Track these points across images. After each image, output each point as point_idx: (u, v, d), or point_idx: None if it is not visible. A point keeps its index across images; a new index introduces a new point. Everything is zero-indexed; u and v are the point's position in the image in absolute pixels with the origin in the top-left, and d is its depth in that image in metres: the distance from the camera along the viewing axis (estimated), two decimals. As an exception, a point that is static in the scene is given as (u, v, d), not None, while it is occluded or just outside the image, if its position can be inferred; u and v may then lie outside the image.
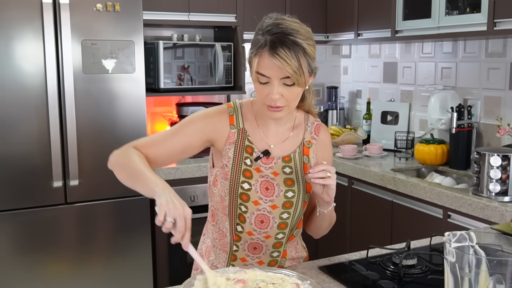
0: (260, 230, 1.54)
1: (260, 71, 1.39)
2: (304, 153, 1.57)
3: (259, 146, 1.53)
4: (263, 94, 1.42)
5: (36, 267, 2.85)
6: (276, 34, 1.37)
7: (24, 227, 2.81)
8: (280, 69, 1.36)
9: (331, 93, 4.22)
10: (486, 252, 1.10)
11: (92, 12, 2.83)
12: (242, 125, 1.54)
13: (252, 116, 1.56)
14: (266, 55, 1.37)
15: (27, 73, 2.73)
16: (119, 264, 3.05)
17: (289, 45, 1.35)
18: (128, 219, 3.03)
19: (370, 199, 3.11)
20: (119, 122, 2.96)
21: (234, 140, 1.53)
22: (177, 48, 3.37)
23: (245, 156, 1.52)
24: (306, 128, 1.60)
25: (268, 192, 1.52)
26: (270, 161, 1.53)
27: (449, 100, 3.21)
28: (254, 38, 1.43)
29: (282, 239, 1.58)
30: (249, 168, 1.51)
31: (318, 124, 1.63)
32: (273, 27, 1.39)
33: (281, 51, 1.35)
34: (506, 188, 2.41)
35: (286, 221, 1.56)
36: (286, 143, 1.57)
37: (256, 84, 1.43)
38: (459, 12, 2.85)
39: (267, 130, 1.56)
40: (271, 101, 1.41)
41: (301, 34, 1.38)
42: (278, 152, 1.55)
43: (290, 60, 1.35)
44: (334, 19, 3.85)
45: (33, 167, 2.79)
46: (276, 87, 1.39)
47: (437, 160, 3.16)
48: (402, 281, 1.48)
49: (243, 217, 1.53)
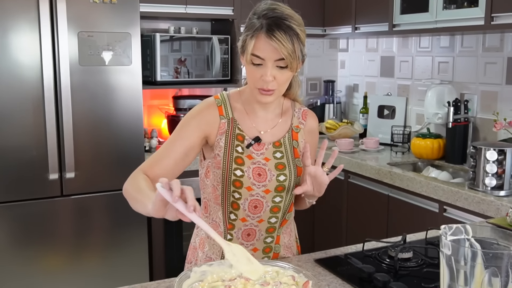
0: (253, 215, 1.57)
1: (256, 53, 1.43)
2: (293, 138, 1.62)
3: (250, 133, 1.57)
4: (256, 77, 1.46)
5: (32, 259, 2.85)
6: (272, 17, 1.42)
7: (20, 219, 2.81)
8: (275, 51, 1.41)
9: (328, 87, 4.21)
10: (482, 245, 1.10)
11: (89, 4, 2.82)
12: (232, 115, 1.57)
13: (241, 105, 1.59)
14: (262, 37, 1.42)
15: (23, 65, 2.72)
16: (115, 257, 3.05)
17: (284, 28, 1.41)
18: (125, 211, 3.02)
19: (366, 193, 3.11)
20: (115, 115, 2.95)
21: (225, 129, 1.55)
22: (174, 41, 3.35)
23: (237, 144, 1.55)
24: (293, 114, 1.65)
25: (261, 177, 1.54)
26: (261, 147, 1.56)
27: (446, 95, 3.21)
28: (249, 22, 1.48)
29: (275, 224, 1.60)
30: (240, 155, 1.54)
31: (304, 110, 1.68)
32: (268, 11, 1.44)
33: (278, 33, 1.40)
34: (501, 182, 2.42)
35: (278, 204, 1.58)
36: (276, 129, 1.60)
37: (249, 67, 1.47)
38: (457, 6, 2.85)
39: (256, 117, 1.59)
40: (263, 83, 1.45)
41: (295, 20, 1.44)
42: (269, 138, 1.59)
43: (286, 42, 1.40)
44: (332, 12, 3.84)
45: (29, 159, 2.78)
46: (269, 69, 1.44)
47: (434, 154, 3.16)
48: (398, 274, 1.48)
49: (236, 204, 1.55)
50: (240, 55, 1.52)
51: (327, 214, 3.39)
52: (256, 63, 1.45)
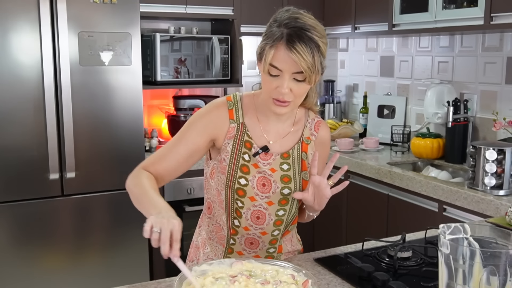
0: (256, 226, 1.54)
1: (274, 64, 1.37)
2: (302, 150, 1.57)
3: (258, 141, 1.53)
4: (271, 87, 1.41)
5: (32, 259, 2.86)
6: (294, 28, 1.36)
7: (21, 219, 2.81)
8: (294, 64, 1.35)
9: (328, 86, 4.22)
10: (480, 244, 1.11)
11: (89, 4, 2.82)
12: (242, 120, 1.53)
13: (253, 109, 1.55)
14: (282, 48, 1.35)
15: (24, 65, 2.73)
16: (116, 256, 3.06)
17: (306, 40, 1.34)
18: (125, 211, 3.03)
19: (366, 193, 3.12)
20: (115, 115, 2.95)
21: (233, 134, 1.51)
22: (174, 41, 3.36)
23: (244, 151, 1.51)
24: (306, 124, 1.60)
25: (265, 188, 1.51)
26: (269, 157, 1.52)
27: (445, 94, 3.21)
28: (268, 29, 1.41)
29: (277, 236, 1.59)
30: (246, 163, 1.50)
31: (318, 120, 1.62)
32: (290, 20, 1.38)
33: (298, 45, 1.34)
34: (501, 182, 2.42)
35: (281, 218, 1.56)
36: (286, 139, 1.56)
37: (266, 76, 1.41)
38: (456, 6, 2.85)
39: (267, 126, 1.55)
40: (279, 94, 1.40)
41: (317, 32, 1.38)
42: (277, 148, 1.54)
43: (306, 55, 1.34)
44: (332, 12, 3.84)
45: (30, 159, 2.79)
46: (286, 81, 1.38)
47: (433, 154, 3.17)
48: (397, 273, 1.49)
49: (239, 212, 1.53)
50: (258, 62, 1.46)
51: (327, 213, 3.38)
52: (273, 74, 1.39)
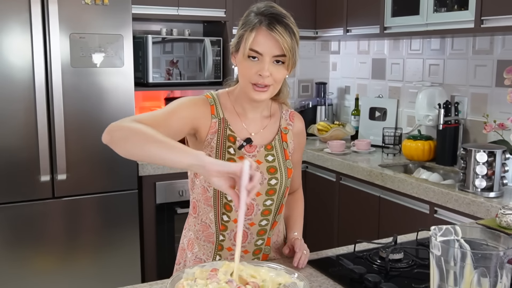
0: (245, 217, 1.55)
1: (254, 47, 1.43)
2: (283, 140, 1.63)
3: (241, 134, 1.57)
4: (251, 72, 1.45)
5: (23, 261, 2.84)
6: (272, 14, 1.45)
7: (12, 221, 2.79)
8: (275, 46, 1.42)
9: (320, 89, 4.23)
10: (471, 246, 1.12)
11: (81, 5, 2.81)
12: (222, 115, 1.56)
13: (231, 105, 1.59)
14: (263, 29, 1.43)
15: (15, 67, 2.71)
16: (107, 258, 3.04)
17: (284, 24, 1.44)
18: (116, 213, 3.02)
19: (357, 195, 3.12)
20: (107, 117, 2.94)
21: (216, 129, 1.54)
22: (166, 43, 3.36)
23: (228, 145, 1.54)
24: (281, 115, 1.66)
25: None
26: (253, 149, 1.56)
27: (436, 97, 3.23)
28: (246, 19, 1.48)
29: (266, 226, 1.61)
30: (233, 156, 1.53)
31: (291, 111, 1.70)
32: (267, 8, 1.47)
33: (279, 27, 1.42)
34: (491, 184, 2.44)
35: (269, 207, 1.59)
36: (266, 130, 1.61)
37: (245, 62, 1.45)
38: (447, 9, 2.88)
39: (246, 119, 1.59)
40: (259, 78, 1.45)
41: (292, 21, 1.47)
42: (259, 140, 1.59)
43: (286, 36, 1.42)
44: (323, 15, 3.86)
45: (21, 161, 2.77)
46: (267, 63, 1.43)
47: (424, 156, 3.18)
48: (389, 275, 1.50)
49: (229, 206, 1.55)
50: (232, 54, 1.52)
51: (318, 215, 3.40)
52: (252, 56, 1.44)
